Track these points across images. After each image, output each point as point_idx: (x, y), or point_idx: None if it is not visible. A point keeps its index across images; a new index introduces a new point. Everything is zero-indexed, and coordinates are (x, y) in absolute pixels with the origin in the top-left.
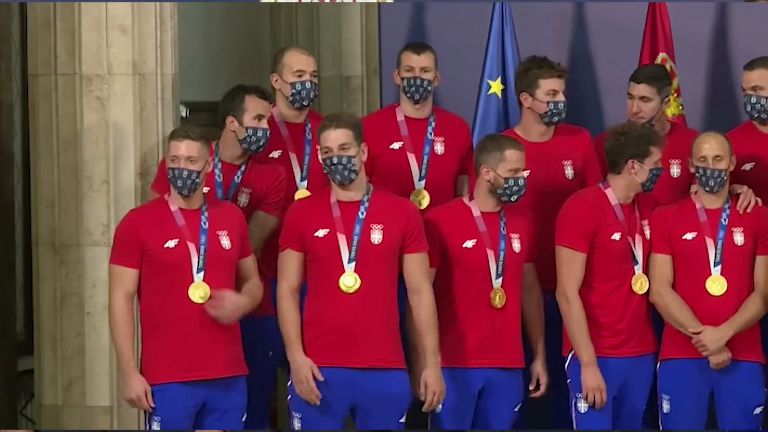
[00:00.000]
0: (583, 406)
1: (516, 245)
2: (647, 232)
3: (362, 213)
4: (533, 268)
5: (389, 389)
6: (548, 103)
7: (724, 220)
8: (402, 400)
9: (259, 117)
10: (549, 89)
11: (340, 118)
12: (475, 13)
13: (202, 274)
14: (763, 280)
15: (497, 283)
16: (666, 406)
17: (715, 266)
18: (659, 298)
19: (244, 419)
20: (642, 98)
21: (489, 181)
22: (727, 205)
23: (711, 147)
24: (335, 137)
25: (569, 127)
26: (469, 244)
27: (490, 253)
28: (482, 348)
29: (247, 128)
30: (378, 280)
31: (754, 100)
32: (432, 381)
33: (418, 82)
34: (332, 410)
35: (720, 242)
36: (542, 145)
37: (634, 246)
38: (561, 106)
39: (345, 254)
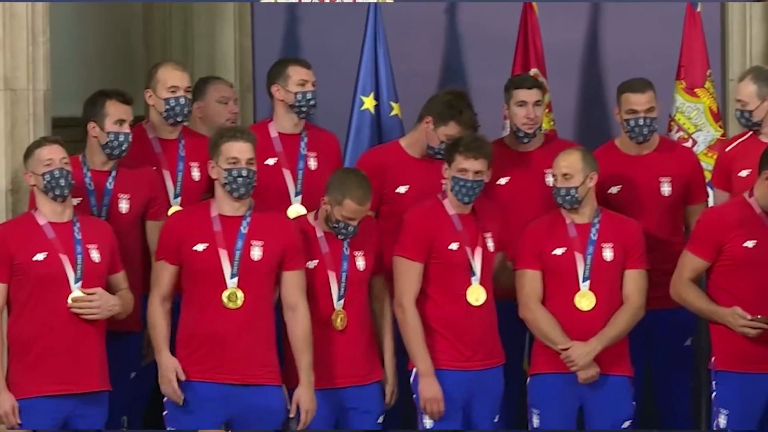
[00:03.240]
0: (428, 422)
1: (360, 263)
2: (489, 244)
3: (244, 228)
4: (382, 280)
5: (264, 405)
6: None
7: (594, 235)
8: (277, 416)
9: (120, 122)
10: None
11: (245, 130)
12: (348, 27)
13: (79, 284)
14: (631, 295)
15: (339, 305)
16: (536, 421)
17: (583, 281)
18: (529, 313)
19: None
20: (536, 102)
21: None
22: (596, 220)
23: (558, 165)
24: (244, 149)
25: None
26: (310, 265)
27: (332, 275)
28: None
29: (108, 133)
30: (259, 297)
31: (641, 122)
32: (305, 399)
33: (309, 96)
34: (207, 424)
35: (589, 257)
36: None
37: (473, 257)
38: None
39: (227, 270)
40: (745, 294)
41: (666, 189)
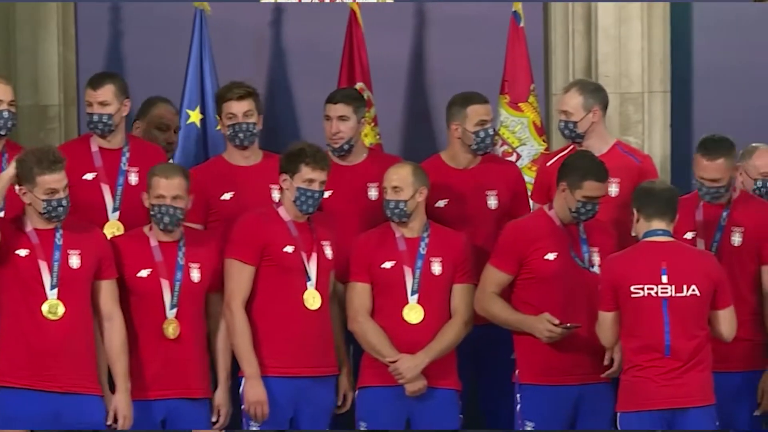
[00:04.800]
0: (254, 426)
1: (195, 275)
2: (327, 252)
3: (59, 239)
4: (218, 297)
5: (85, 415)
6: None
7: (423, 249)
8: (98, 425)
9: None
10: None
11: (57, 159)
12: (174, 40)
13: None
14: (459, 309)
15: (171, 314)
16: None
17: (412, 295)
18: (357, 326)
19: None
20: (340, 117)
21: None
22: (425, 234)
23: (389, 179)
24: (59, 179)
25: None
26: (143, 273)
27: (165, 283)
28: (160, 379)
29: None
30: (79, 307)
31: (491, 132)
32: (121, 406)
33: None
34: None
35: (418, 271)
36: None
37: (308, 262)
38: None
39: (47, 280)
40: (547, 307)
41: (492, 202)
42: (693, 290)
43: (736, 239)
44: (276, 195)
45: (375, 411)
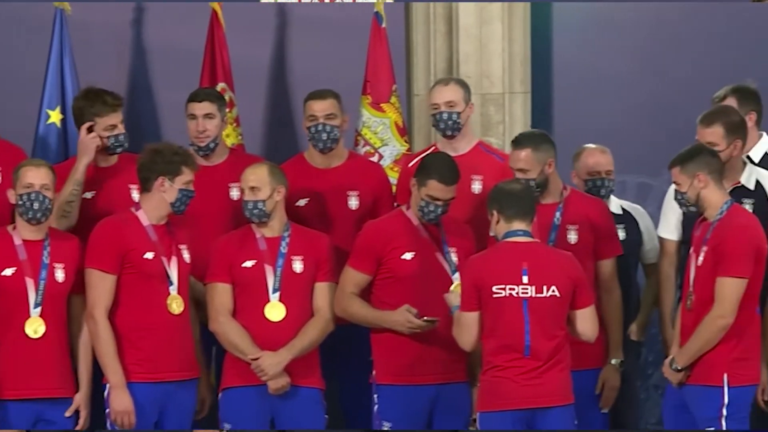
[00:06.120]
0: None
1: (59, 275)
2: (186, 256)
3: None
4: (81, 299)
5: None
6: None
7: (284, 248)
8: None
9: None
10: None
11: None
12: (31, 40)
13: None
14: (321, 307)
15: (35, 312)
16: None
17: (273, 293)
18: (218, 326)
19: None
20: (206, 115)
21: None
22: (286, 234)
23: (246, 179)
24: None
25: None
26: (8, 272)
27: (29, 282)
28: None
29: None
30: None
31: (320, 128)
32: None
33: None
34: None
35: (279, 270)
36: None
37: (169, 267)
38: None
39: None
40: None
41: (353, 203)
42: (553, 291)
43: (572, 237)
44: (136, 195)
45: (238, 411)
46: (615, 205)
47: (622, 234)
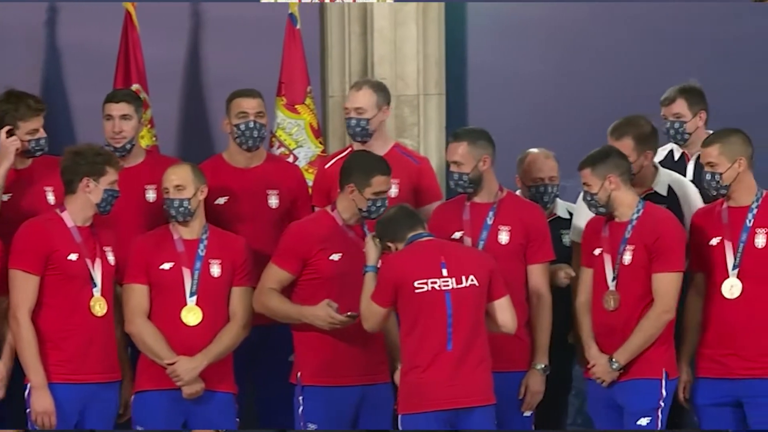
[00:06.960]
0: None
1: None
2: (110, 258)
3: None
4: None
5: None
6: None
7: (202, 251)
8: None
9: None
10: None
11: None
12: None
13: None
14: (237, 312)
15: None
16: None
17: (191, 296)
18: (134, 327)
19: None
20: (123, 116)
21: None
22: (204, 236)
23: (169, 179)
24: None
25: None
26: None
27: None
28: None
29: None
30: None
31: (251, 125)
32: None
33: None
34: None
35: (197, 272)
36: None
37: (93, 269)
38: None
39: None
40: None
41: (273, 201)
42: (472, 280)
43: (503, 238)
44: (51, 198)
45: (151, 414)
46: (561, 208)
47: (567, 238)
